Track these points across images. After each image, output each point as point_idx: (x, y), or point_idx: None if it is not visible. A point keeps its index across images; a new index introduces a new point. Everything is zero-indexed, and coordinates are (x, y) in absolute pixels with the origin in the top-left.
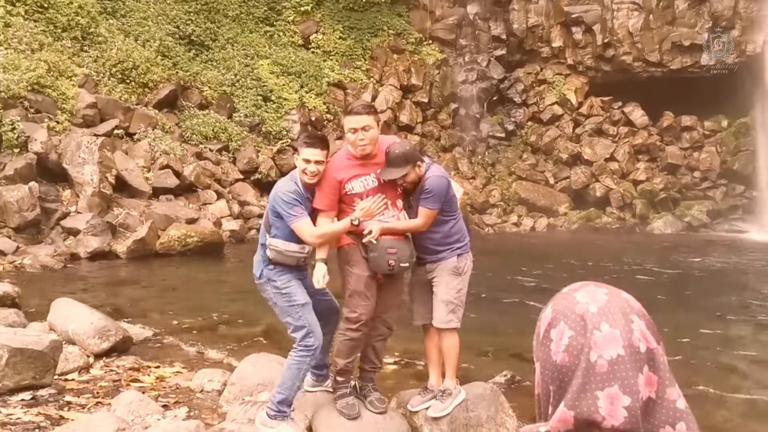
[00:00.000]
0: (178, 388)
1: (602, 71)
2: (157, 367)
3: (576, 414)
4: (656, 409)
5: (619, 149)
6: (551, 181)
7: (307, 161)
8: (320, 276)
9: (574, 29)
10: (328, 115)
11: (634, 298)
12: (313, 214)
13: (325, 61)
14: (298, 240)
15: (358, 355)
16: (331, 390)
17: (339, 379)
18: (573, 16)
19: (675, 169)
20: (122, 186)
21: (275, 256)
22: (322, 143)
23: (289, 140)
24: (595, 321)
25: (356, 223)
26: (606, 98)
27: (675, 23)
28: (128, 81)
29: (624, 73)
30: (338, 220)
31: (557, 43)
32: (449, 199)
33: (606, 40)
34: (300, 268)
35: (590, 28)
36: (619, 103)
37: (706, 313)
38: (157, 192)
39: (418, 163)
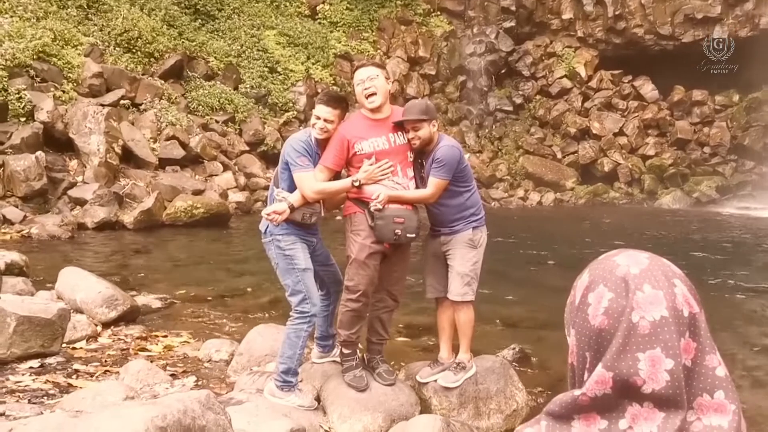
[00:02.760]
0: (185, 357)
1: (613, 44)
2: (165, 336)
3: (614, 375)
4: (693, 376)
5: (629, 124)
6: (559, 155)
7: (318, 117)
8: (273, 207)
9: (584, 1)
10: (334, 87)
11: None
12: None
13: (331, 32)
14: None
15: (364, 326)
16: (338, 360)
17: (345, 351)
18: None
19: (684, 144)
20: (128, 156)
21: None
22: (336, 103)
23: (295, 112)
24: (637, 282)
25: (357, 184)
26: (616, 72)
27: None
28: (134, 50)
29: (635, 46)
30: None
31: (567, 15)
32: (462, 170)
33: (617, 12)
34: (308, 231)
35: None
36: (630, 77)
37: (721, 288)
38: (163, 163)
39: (434, 122)
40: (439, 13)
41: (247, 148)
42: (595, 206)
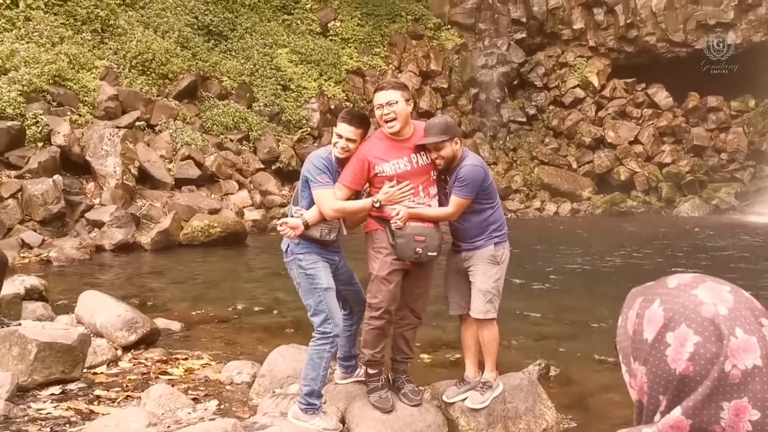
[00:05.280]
0: (207, 380)
1: (625, 53)
2: (186, 359)
3: (693, 423)
4: None
5: (644, 132)
6: (574, 165)
7: (339, 136)
8: (287, 220)
9: (595, 10)
10: (347, 103)
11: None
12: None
13: (343, 48)
14: None
15: (388, 346)
16: (362, 379)
17: (370, 371)
18: None
19: (701, 151)
20: (145, 178)
21: None
22: (358, 122)
23: (309, 129)
24: (729, 326)
25: (377, 205)
26: (629, 80)
27: (700, 1)
28: (148, 72)
29: (647, 54)
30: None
31: (578, 24)
32: (486, 188)
33: (629, 21)
34: (328, 249)
35: (612, 8)
36: (643, 85)
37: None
38: (179, 183)
39: (456, 139)
40: (449, 26)
41: (262, 166)
42: (612, 216)
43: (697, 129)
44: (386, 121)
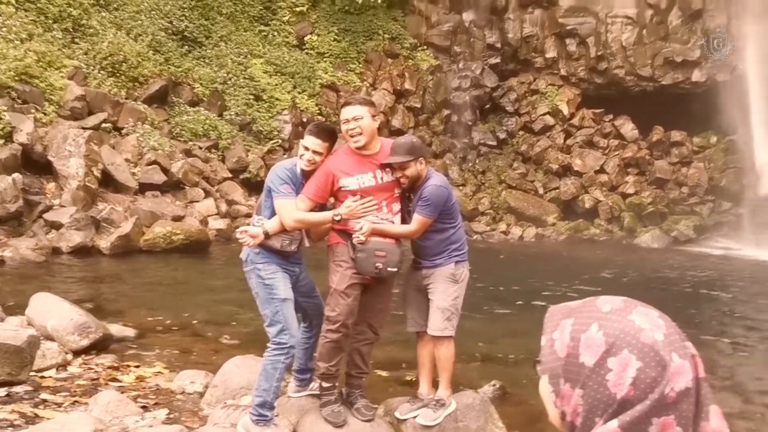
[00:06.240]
0: (158, 388)
1: (595, 83)
2: (137, 366)
3: None
4: None
5: (609, 162)
6: (541, 191)
7: (306, 149)
8: (247, 228)
9: (568, 41)
10: (319, 117)
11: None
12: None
13: (318, 62)
14: None
15: (344, 359)
16: (317, 393)
17: (324, 384)
18: (567, 27)
19: (663, 184)
20: (108, 180)
21: None
22: (326, 135)
23: (280, 140)
24: (667, 351)
25: (338, 218)
26: (598, 110)
27: (668, 39)
28: (118, 75)
29: (616, 86)
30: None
31: (551, 53)
32: (449, 208)
33: (599, 53)
34: (289, 260)
35: (584, 40)
36: (611, 116)
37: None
38: (143, 188)
39: (421, 159)
40: (425, 47)
41: (230, 175)
42: (575, 242)
43: (661, 162)
44: (351, 136)
